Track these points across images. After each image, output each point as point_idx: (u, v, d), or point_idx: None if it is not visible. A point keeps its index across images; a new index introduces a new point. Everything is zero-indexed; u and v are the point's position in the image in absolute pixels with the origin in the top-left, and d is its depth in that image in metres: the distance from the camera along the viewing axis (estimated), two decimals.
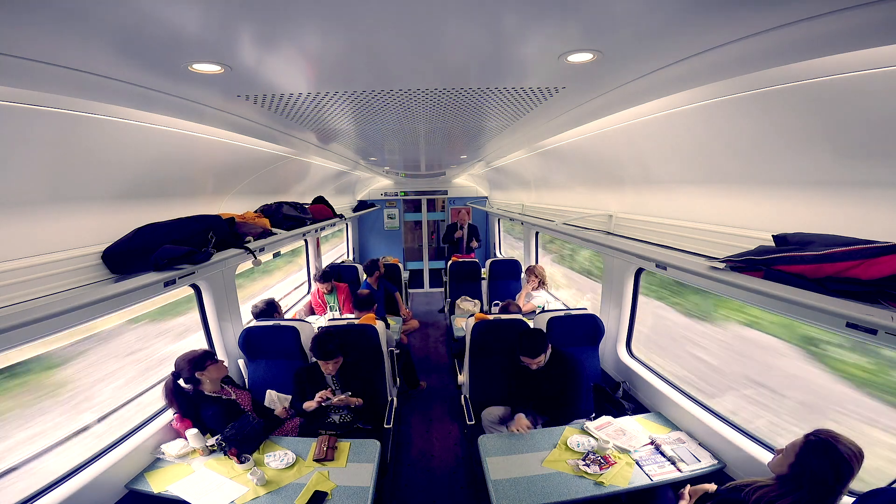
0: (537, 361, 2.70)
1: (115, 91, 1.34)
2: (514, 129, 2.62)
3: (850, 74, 1.09)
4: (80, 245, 1.83)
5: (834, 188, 1.46)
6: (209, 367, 2.45)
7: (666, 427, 2.54)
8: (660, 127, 1.92)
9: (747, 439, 2.16)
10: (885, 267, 1.16)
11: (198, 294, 2.97)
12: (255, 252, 2.60)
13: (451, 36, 1.14)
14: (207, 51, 1.16)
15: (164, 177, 2.18)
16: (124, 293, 1.68)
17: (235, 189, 3.05)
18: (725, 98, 1.46)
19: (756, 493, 1.60)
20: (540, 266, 5.00)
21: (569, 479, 2.10)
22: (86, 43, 1.03)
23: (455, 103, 1.91)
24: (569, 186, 3.85)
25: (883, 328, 1.16)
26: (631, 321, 3.24)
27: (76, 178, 1.68)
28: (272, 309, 3.82)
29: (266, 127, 2.24)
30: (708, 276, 1.68)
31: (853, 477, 1.43)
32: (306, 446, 2.37)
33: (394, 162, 4.91)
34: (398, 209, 8.65)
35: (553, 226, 3.42)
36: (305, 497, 1.99)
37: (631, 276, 3.12)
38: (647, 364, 3.08)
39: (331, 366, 2.69)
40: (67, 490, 1.86)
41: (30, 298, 1.57)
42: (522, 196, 5.55)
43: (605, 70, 1.43)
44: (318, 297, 5.03)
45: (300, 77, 1.47)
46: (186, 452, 2.31)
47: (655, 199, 2.56)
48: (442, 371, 5.05)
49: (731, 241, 1.88)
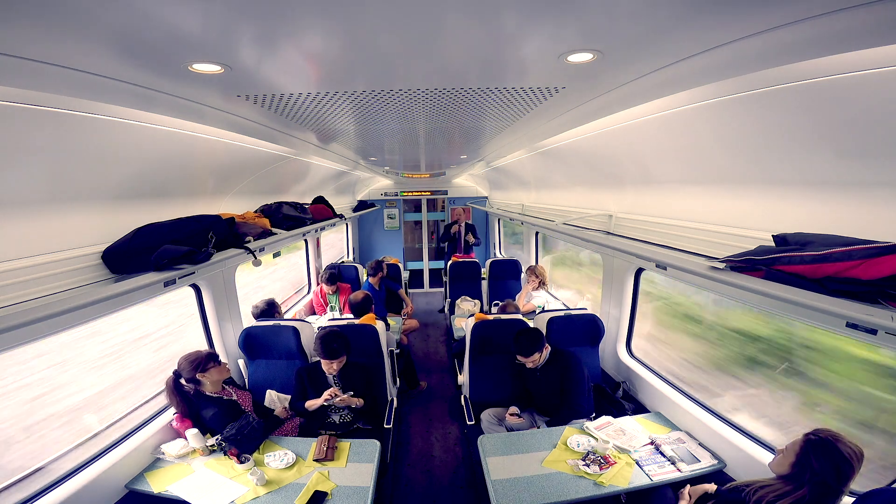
0: (532, 360, 2.71)
1: (116, 91, 1.34)
2: (514, 129, 2.62)
3: (850, 74, 1.09)
4: (80, 245, 1.83)
5: (834, 188, 1.46)
6: (211, 369, 2.46)
7: (666, 427, 2.54)
8: (660, 127, 1.92)
9: (747, 439, 2.16)
10: (885, 267, 1.16)
11: (198, 294, 2.97)
12: (254, 252, 2.60)
13: (451, 36, 1.14)
14: (207, 51, 1.16)
15: (164, 177, 2.18)
16: (124, 293, 1.68)
17: (235, 189, 3.05)
18: (725, 98, 1.46)
19: (756, 492, 1.60)
20: (540, 266, 5.00)
21: (569, 479, 2.10)
22: (86, 43, 1.03)
23: (455, 103, 1.91)
24: (569, 186, 3.85)
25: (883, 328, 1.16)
26: (631, 321, 3.24)
27: (76, 178, 1.68)
28: (272, 309, 3.82)
29: (266, 127, 2.24)
30: (708, 276, 1.68)
31: (854, 476, 1.43)
32: (306, 446, 2.37)
33: (394, 162, 4.92)
34: (398, 209, 8.65)
35: (553, 226, 3.42)
36: (305, 497, 1.99)
37: (631, 276, 3.12)
38: (647, 364, 3.08)
39: (335, 365, 2.69)
40: (67, 490, 1.86)
41: (30, 298, 1.56)
42: (522, 196, 5.55)
43: (605, 70, 1.43)
44: (320, 297, 5.03)
45: (300, 77, 1.47)
46: (186, 452, 2.31)
47: (655, 199, 2.56)
48: (442, 371, 5.05)
49: (731, 241, 1.88)
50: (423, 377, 4.69)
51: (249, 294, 6.10)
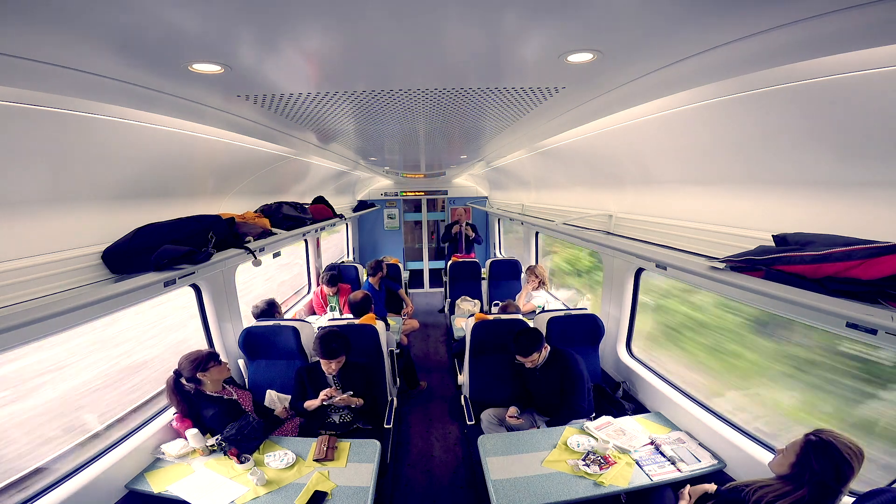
0: (531, 360, 2.71)
1: (116, 91, 1.34)
2: (514, 129, 2.62)
3: (850, 74, 1.09)
4: (80, 245, 1.83)
5: (834, 188, 1.46)
6: (211, 369, 2.46)
7: (666, 427, 2.54)
8: (660, 127, 1.92)
9: (747, 439, 2.16)
10: (885, 267, 1.16)
11: (198, 294, 2.97)
12: (255, 252, 2.60)
13: (451, 36, 1.14)
14: (207, 51, 1.16)
15: (164, 177, 2.18)
16: (124, 293, 1.68)
17: (235, 189, 3.05)
18: (725, 98, 1.46)
19: (756, 492, 1.60)
20: (540, 266, 5.00)
21: (569, 479, 2.10)
22: (86, 43, 1.03)
23: (455, 103, 1.91)
24: (568, 186, 3.85)
25: (883, 328, 1.16)
26: (631, 321, 3.24)
27: (76, 178, 1.68)
28: (272, 309, 3.82)
29: (266, 127, 2.24)
30: (708, 276, 1.68)
31: (854, 477, 1.43)
32: (306, 446, 2.37)
33: (394, 162, 4.92)
34: (398, 209, 8.64)
35: (553, 226, 3.42)
36: (305, 497, 1.99)
37: (631, 276, 3.12)
38: (647, 364, 3.08)
39: (334, 365, 2.69)
40: (67, 490, 1.86)
41: (30, 298, 1.56)
42: (522, 196, 5.55)
43: (605, 70, 1.43)
44: (320, 297, 5.03)
45: (300, 77, 1.47)
46: (186, 452, 2.31)
47: (655, 199, 2.56)
48: (442, 371, 5.05)
49: (731, 241, 1.88)
50: (423, 377, 4.69)
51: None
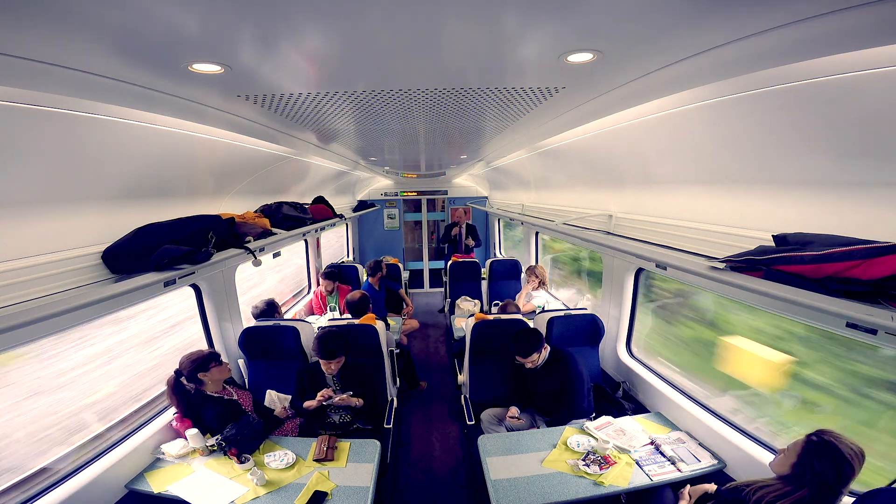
0: (531, 360, 2.71)
1: (116, 91, 1.34)
2: (513, 129, 2.62)
3: (850, 74, 1.09)
4: (80, 245, 1.83)
5: (834, 188, 1.46)
6: (212, 369, 2.45)
7: (666, 427, 2.54)
8: (660, 127, 1.92)
9: (747, 439, 2.15)
10: (885, 267, 1.16)
11: (198, 294, 2.97)
12: (254, 252, 2.60)
13: (450, 36, 1.14)
14: (207, 51, 1.16)
15: (164, 177, 2.18)
16: (124, 293, 1.68)
17: (235, 189, 3.05)
18: (725, 98, 1.46)
19: (756, 493, 1.60)
20: (540, 266, 5.00)
21: (568, 479, 2.10)
22: (86, 43, 1.03)
23: (455, 103, 1.91)
24: (569, 186, 3.85)
25: (883, 328, 1.16)
26: (631, 321, 3.23)
27: (76, 178, 1.68)
28: (272, 309, 3.82)
29: (266, 127, 2.24)
30: (708, 276, 1.68)
31: (854, 477, 1.43)
32: (306, 446, 2.37)
33: (394, 162, 4.92)
34: (398, 209, 8.64)
35: (553, 226, 3.42)
36: (305, 497, 1.99)
37: (631, 276, 3.12)
38: (647, 364, 3.08)
39: (333, 365, 2.69)
40: (67, 490, 1.86)
41: (30, 298, 1.56)
42: (522, 196, 5.55)
43: (605, 70, 1.43)
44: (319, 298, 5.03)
45: (300, 77, 1.47)
46: (186, 452, 2.31)
47: (655, 199, 2.55)
48: (442, 371, 5.05)
49: (731, 241, 1.88)
50: (423, 377, 4.69)
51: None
